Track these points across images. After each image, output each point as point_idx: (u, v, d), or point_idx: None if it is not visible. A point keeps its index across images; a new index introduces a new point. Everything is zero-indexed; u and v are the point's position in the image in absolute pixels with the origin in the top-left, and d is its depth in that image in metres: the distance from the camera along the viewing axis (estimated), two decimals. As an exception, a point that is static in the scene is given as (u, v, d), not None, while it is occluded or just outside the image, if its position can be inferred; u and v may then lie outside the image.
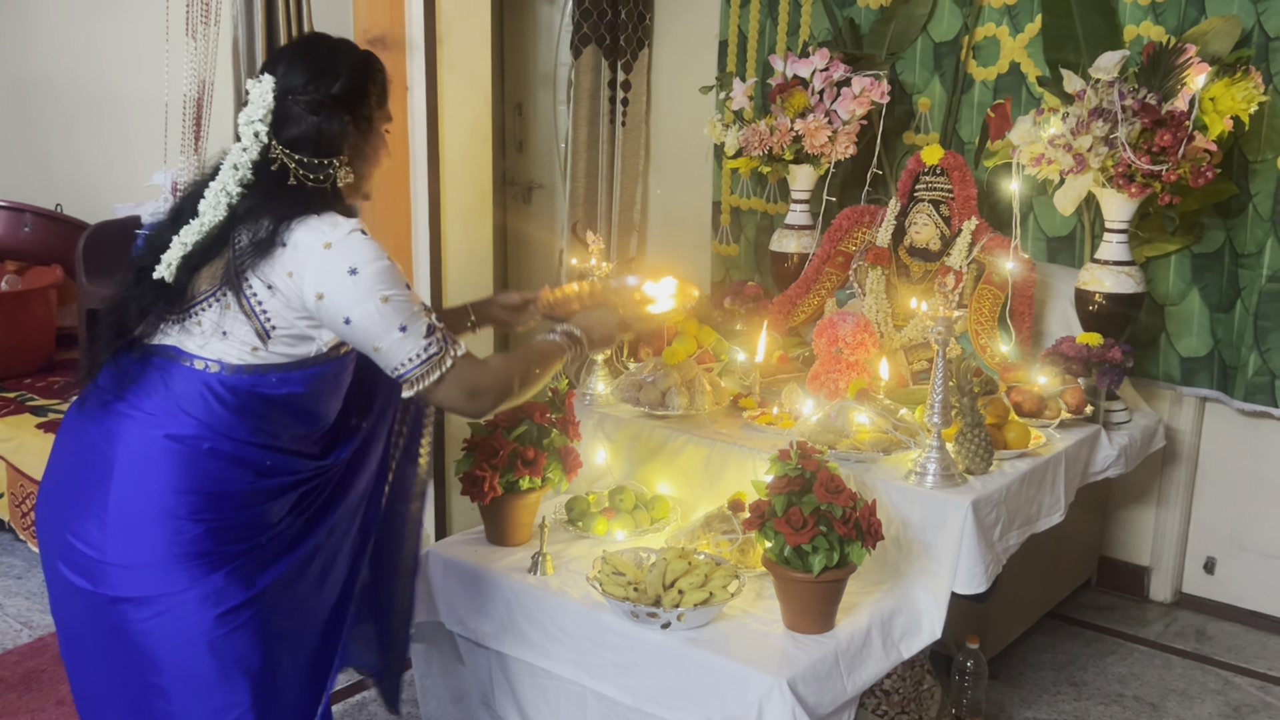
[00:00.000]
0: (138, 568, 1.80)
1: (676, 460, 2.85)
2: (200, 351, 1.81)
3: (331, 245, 1.77)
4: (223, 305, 1.80)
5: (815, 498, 2.20)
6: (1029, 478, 2.63)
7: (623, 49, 4.39)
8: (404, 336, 1.81)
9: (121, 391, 1.82)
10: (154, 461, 1.80)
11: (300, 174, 1.83)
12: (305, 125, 1.83)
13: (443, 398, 1.89)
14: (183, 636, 1.81)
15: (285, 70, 1.85)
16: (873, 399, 2.68)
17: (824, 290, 3.51)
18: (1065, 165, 2.95)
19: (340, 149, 1.86)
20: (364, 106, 1.89)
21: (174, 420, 1.80)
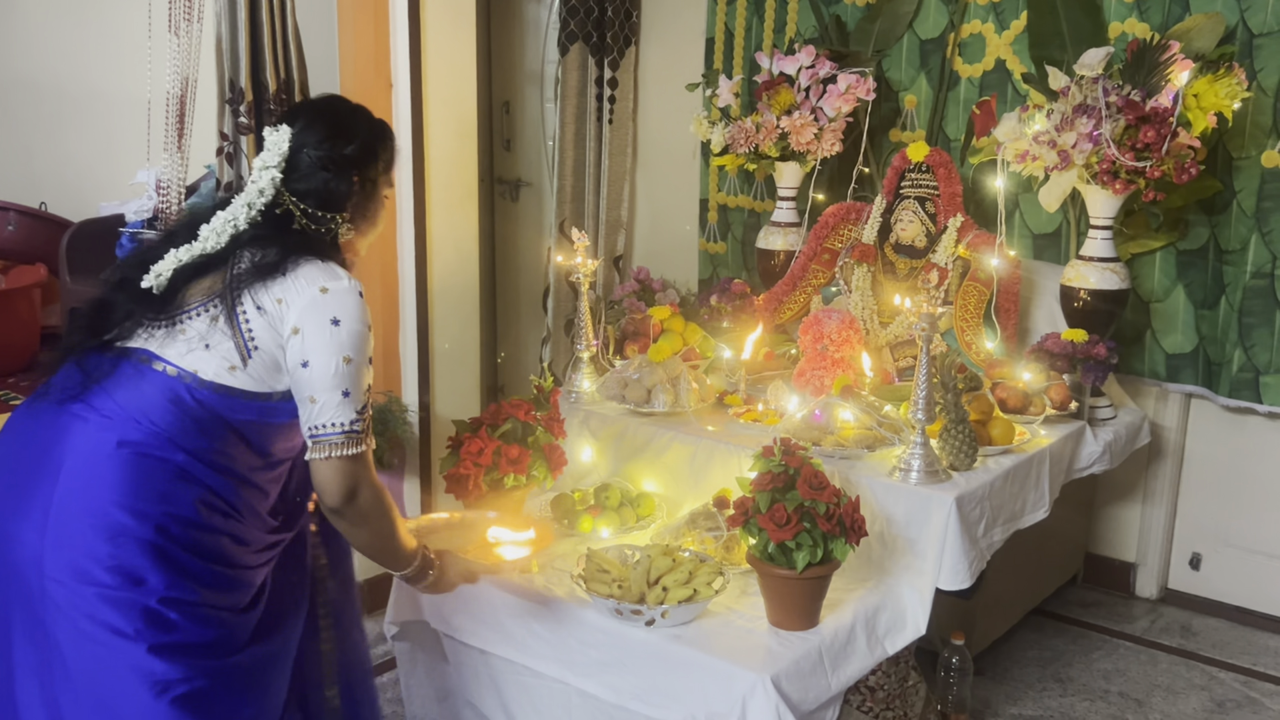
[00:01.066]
0: (74, 585, 1.74)
1: (662, 457, 2.85)
2: (179, 360, 1.81)
3: (327, 291, 1.82)
4: (212, 317, 1.81)
5: (799, 494, 2.20)
6: (1013, 474, 2.63)
7: (609, 46, 4.39)
8: (343, 402, 1.82)
9: (82, 392, 1.80)
10: (101, 469, 1.76)
11: (304, 222, 1.90)
12: (315, 180, 1.90)
13: (329, 473, 1.82)
14: (113, 675, 1.74)
15: (304, 125, 1.92)
16: (857, 396, 2.68)
17: (810, 287, 3.51)
18: (1050, 162, 2.96)
19: (344, 206, 1.93)
20: (371, 170, 1.96)
21: (129, 426, 1.77)
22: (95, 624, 1.73)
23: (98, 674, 1.75)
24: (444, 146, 3.40)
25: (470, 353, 3.62)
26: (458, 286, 3.54)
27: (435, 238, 3.41)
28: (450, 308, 3.51)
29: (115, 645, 1.73)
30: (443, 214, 3.44)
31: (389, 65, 3.27)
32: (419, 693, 2.72)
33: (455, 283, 3.52)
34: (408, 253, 3.35)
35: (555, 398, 2.74)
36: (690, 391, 2.87)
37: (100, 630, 1.73)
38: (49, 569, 1.75)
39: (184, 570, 1.77)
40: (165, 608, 1.75)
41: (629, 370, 2.93)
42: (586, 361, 3.08)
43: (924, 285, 2.41)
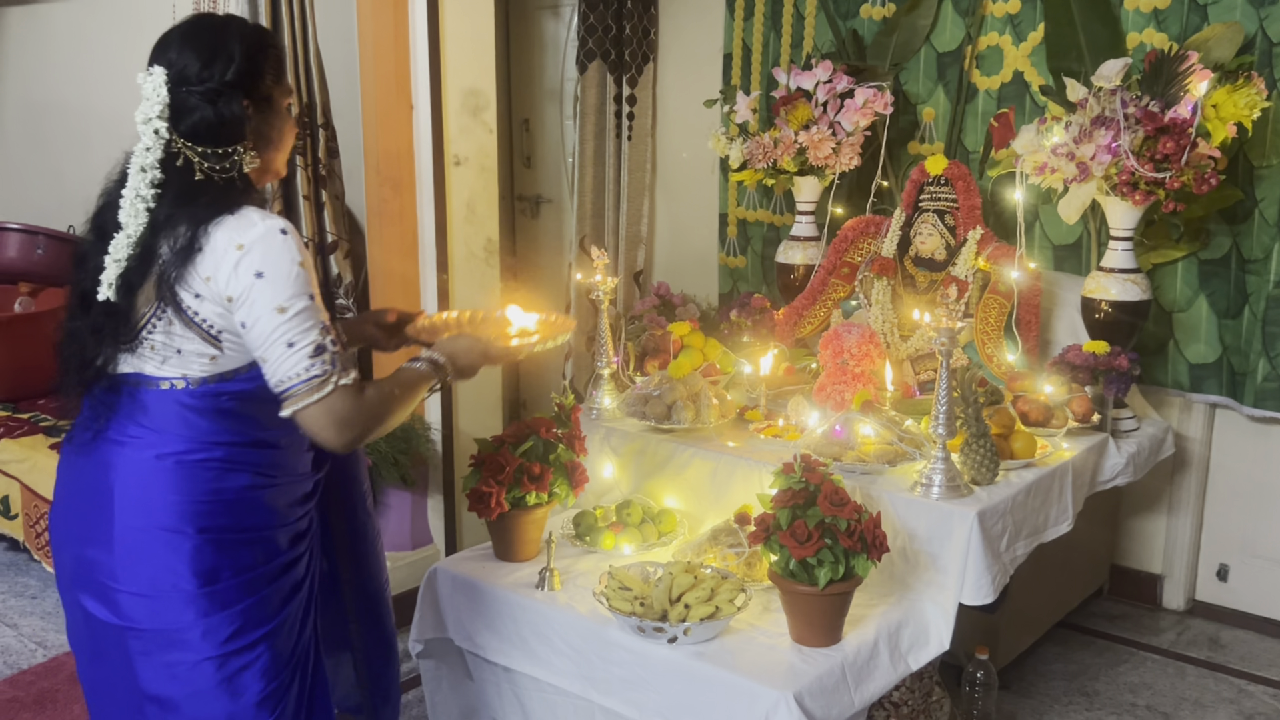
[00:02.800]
0: (147, 596, 1.80)
1: (683, 474, 2.86)
2: (161, 373, 1.79)
3: (243, 247, 1.71)
4: (166, 322, 1.76)
5: (819, 511, 2.20)
6: (1035, 488, 2.62)
7: (628, 64, 4.42)
8: (290, 353, 1.72)
9: (104, 422, 1.82)
10: (149, 482, 1.80)
11: (205, 167, 1.76)
12: (204, 115, 1.76)
13: (311, 423, 1.76)
14: (189, 674, 1.82)
15: (176, 59, 1.76)
16: (878, 410, 2.69)
17: (830, 302, 3.52)
18: (1068, 174, 2.95)
19: (243, 135, 1.79)
20: (261, 87, 1.81)
21: (160, 440, 1.79)
22: (176, 630, 1.81)
23: (179, 678, 1.83)
24: (466, 166, 3.43)
25: (492, 370, 3.64)
26: (479, 304, 3.57)
27: (456, 255, 3.44)
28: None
29: (192, 647, 1.81)
30: (466, 231, 3.46)
31: (409, 86, 3.30)
32: (444, 710, 2.73)
33: (477, 301, 3.55)
34: (429, 270, 3.38)
35: (576, 415, 2.76)
36: (711, 407, 2.88)
37: (181, 634, 1.81)
38: (123, 583, 1.81)
39: (239, 551, 1.84)
40: (232, 593, 1.82)
41: (649, 386, 2.94)
42: (607, 378, 3.09)
43: (943, 300, 2.41)
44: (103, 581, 1.83)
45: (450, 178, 3.37)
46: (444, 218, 3.36)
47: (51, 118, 5.26)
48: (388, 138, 3.31)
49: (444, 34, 3.28)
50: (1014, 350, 3.14)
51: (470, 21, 3.35)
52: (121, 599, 1.82)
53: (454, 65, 3.32)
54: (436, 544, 3.57)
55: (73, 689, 3.06)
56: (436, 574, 2.67)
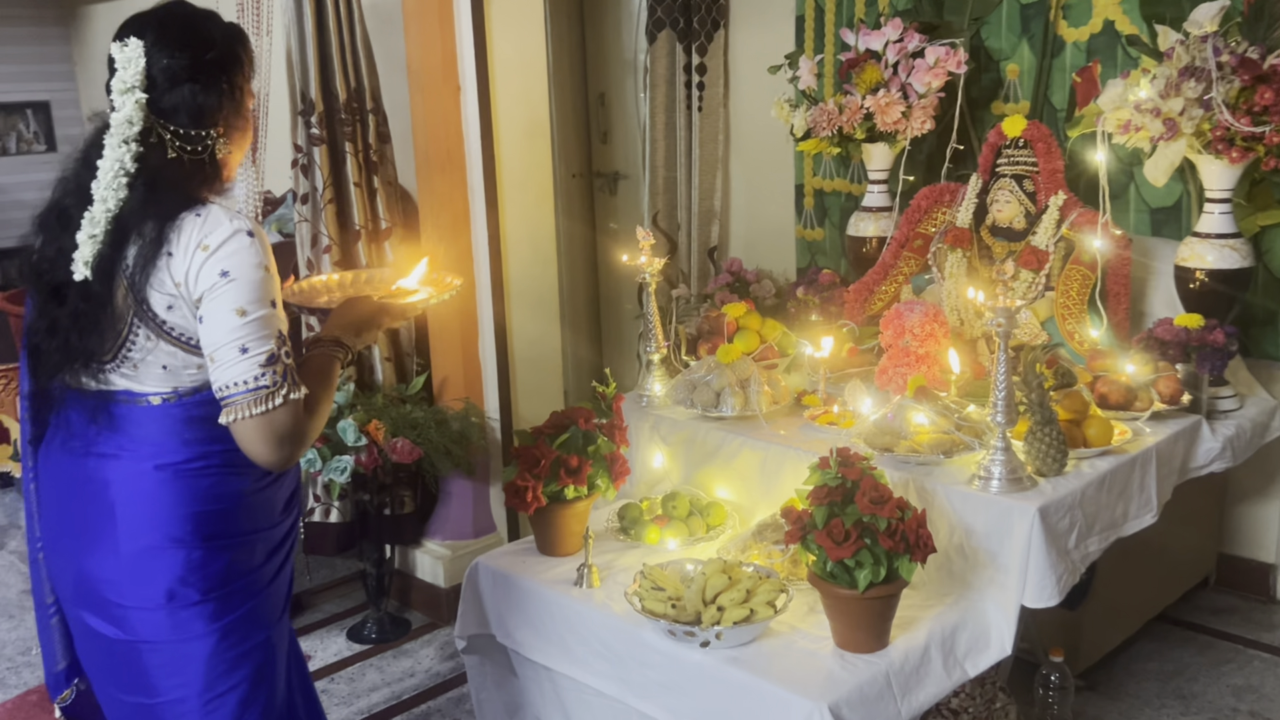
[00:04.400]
0: (160, 609, 1.77)
1: (732, 464, 2.72)
2: (149, 388, 1.74)
3: (208, 249, 1.65)
4: (145, 336, 1.70)
5: (857, 509, 2.04)
6: (1111, 478, 2.40)
7: (696, 31, 4.25)
8: (241, 359, 1.65)
9: (96, 438, 1.77)
10: (152, 495, 1.75)
11: (178, 145, 1.71)
12: (182, 94, 1.71)
13: (248, 435, 1.67)
14: (203, 678, 1.81)
15: (156, 36, 1.70)
16: (933, 396, 2.50)
17: (901, 276, 3.31)
18: (1155, 132, 2.70)
19: (216, 120, 1.74)
20: (238, 75, 1.78)
21: (156, 451, 1.74)
22: (191, 639, 1.79)
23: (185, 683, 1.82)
24: (516, 146, 3.34)
25: (550, 356, 3.55)
26: (536, 290, 3.48)
27: (510, 240, 3.35)
28: (529, 311, 3.45)
29: (205, 652, 1.80)
30: (517, 215, 3.37)
31: (456, 68, 3.22)
32: (490, 707, 2.67)
33: (533, 286, 3.46)
34: (482, 257, 3.31)
35: (618, 404, 2.64)
36: (761, 394, 2.73)
37: (195, 641, 1.79)
38: (133, 600, 1.78)
39: (242, 555, 1.82)
40: (238, 596, 1.81)
41: (698, 373, 2.81)
42: (657, 364, 2.97)
43: (998, 277, 2.21)
44: (108, 598, 1.79)
45: (501, 159, 3.29)
46: (494, 199, 3.27)
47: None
48: (435, 121, 3.23)
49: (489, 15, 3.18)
50: (1098, 325, 2.90)
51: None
52: (132, 615, 1.78)
53: (501, 46, 3.22)
54: (500, 533, 3.52)
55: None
56: (478, 568, 2.60)
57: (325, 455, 3.02)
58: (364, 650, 3.28)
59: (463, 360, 3.34)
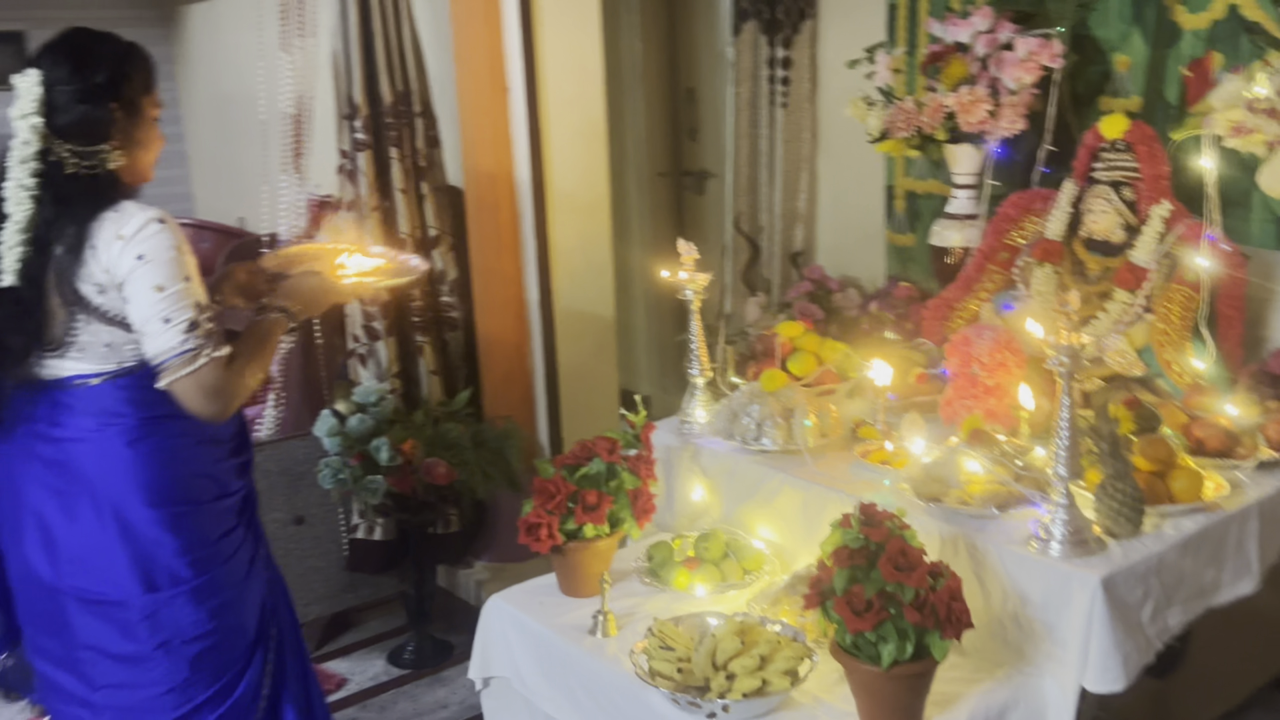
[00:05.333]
0: (147, 577, 2.00)
1: (773, 503, 2.48)
2: (97, 368, 1.95)
3: (124, 238, 1.87)
4: (85, 321, 1.91)
5: (880, 576, 1.79)
6: (1200, 540, 2.07)
7: (781, 23, 3.98)
8: (166, 328, 1.88)
9: (51, 425, 1.97)
10: (127, 469, 1.96)
11: (74, 162, 1.91)
12: (73, 114, 1.91)
13: (184, 394, 1.92)
14: (193, 629, 2.04)
15: (50, 64, 1.92)
16: (989, 440, 2.20)
17: (985, 292, 3.00)
18: (1271, 135, 2.34)
19: (109, 135, 1.94)
20: (127, 93, 1.96)
21: (124, 428, 1.95)
22: (172, 598, 2.02)
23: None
24: (567, 151, 3.15)
25: (604, 371, 3.36)
26: (588, 302, 3.29)
27: (560, 250, 3.18)
28: (581, 326, 3.27)
29: (191, 610, 2.04)
30: (568, 223, 3.19)
31: (502, 68, 3.05)
32: (507, 754, 2.51)
33: (586, 297, 3.28)
34: (531, 268, 3.14)
35: (647, 434, 2.44)
36: (808, 426, 2.47)
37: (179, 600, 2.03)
38: (123, 574, 1.99)
39: (211, 520, 2.06)
40: (215, 560, 2.06)
41: (739, 400, 2.57)
42: (702, 388, 2.74)
43: (1061, 308, 1.91)
44: (107, 597, 1.99)
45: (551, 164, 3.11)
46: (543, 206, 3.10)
47: (232, 110, 5.38)
48: (482, 124, 3.07)
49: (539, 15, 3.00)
50: (1204, 355, 2.54)
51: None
52: (123, 588, 1.99)
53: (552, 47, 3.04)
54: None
55: None
56: (493, 606, 2.44)
57: (358, 474, 2.91)
58: (401, 675, 3.16)
59: (510, 375, 3.18)
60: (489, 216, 3.12)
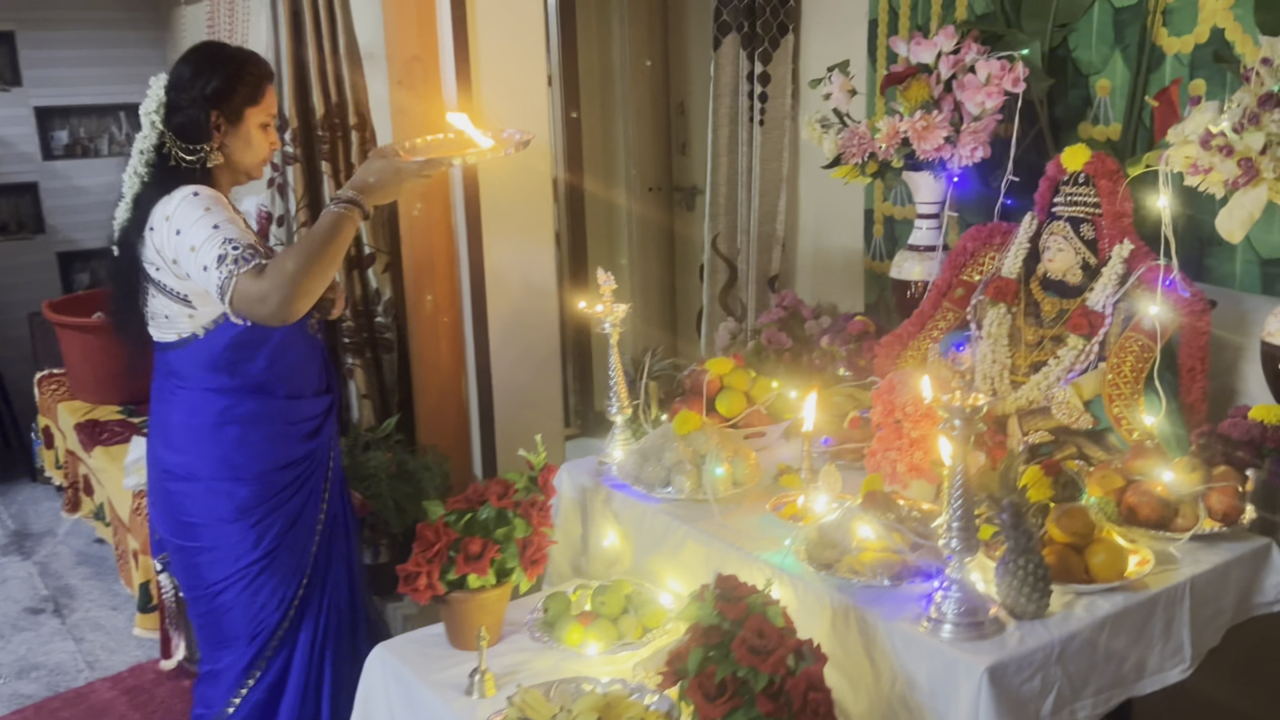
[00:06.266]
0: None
1: (679, 555, 2.32)
2: (163, 337, 2.30)
3: (169, 217, 2.18)
4: (152, 295, 2.25)
5: (734, 658, 1.62)
6: (1119, 621, 1.87)
7: (759, 37, 3.81)
8: (207, 275, 2.13)
9: (158, 378, 2.37)
10: (167, 431, 2.38)
11: (177, 154, 2.26)
12: (183, 115, 2.26)
13: (241, 309, 2.14)
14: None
15: (176, 70, 2.29)
16: (887, 503, 2.01)
17: (937, 330, 2.81)
18: (1227, 174, 2.12)
19: (209, 137, 2.27)
20: (231, 103, 2.27)
21: (187, 385, 2.31)
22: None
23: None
24: (506, 167, 3.00)
25: (548, 399, 3.21)
26: (530, 325, 3.14)
27: (498, 271, 3.03)
28: (521, 350, 3.12)
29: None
30: (508, 243, 3.04)
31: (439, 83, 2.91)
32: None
33: (527, 320, 3.13)
34: (466, 289, 3.00)
35: (544, 478, 2.29)
36: (719, 474, 2.30)
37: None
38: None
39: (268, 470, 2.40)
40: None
41: (653, 443, 2.41)
42: (622, 426, 2.58)
43: (953, 365, 1.73)
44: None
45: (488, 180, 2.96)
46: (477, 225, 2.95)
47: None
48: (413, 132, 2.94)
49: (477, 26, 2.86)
50: (1156, 410, 2.33)
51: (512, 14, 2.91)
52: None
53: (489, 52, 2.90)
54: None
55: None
56: (376, 656, 2.30)
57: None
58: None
59: (444, 401, 3.04)
60: (423, 235, 2.99)
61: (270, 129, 2.35)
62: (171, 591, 3.06)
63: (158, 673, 3.18)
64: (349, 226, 2.17)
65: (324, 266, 2.12)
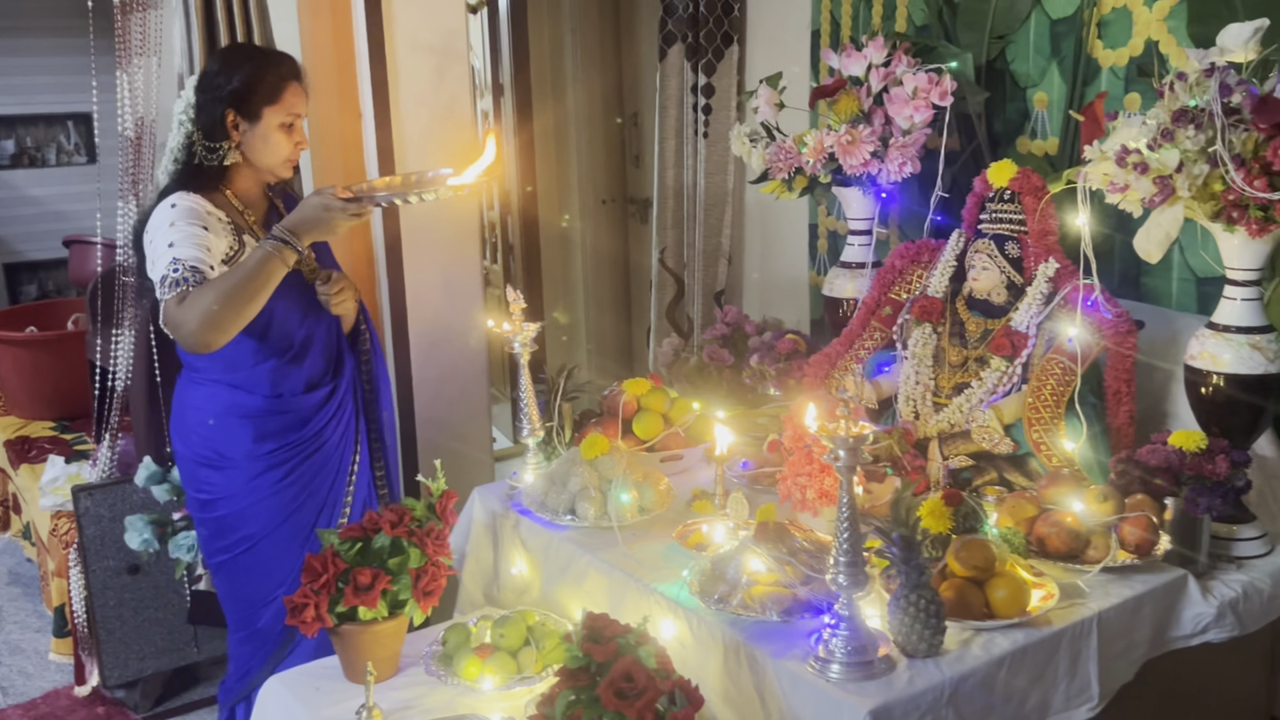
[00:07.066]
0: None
1: (583, 585, 2.24)
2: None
3: (149, 221, 2.30)
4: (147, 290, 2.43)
5: (600, 703, 1.54)
6: (1020, 659, 1.79)
7: (703, 48, 3.74)
8: (157, 286, 2.21)
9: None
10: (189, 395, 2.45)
11: (201, 151, 2.35)
12: (206, 114, 2.34)
13: (168, 331, 2.22)
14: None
15: (204, 70, 2.39)
16: (781, 534, 1.93)
17: (864, 350, 2.73)
18: (1143, 192, 2.05)
19: (226, 135, 2.33)
20: (249, 103, 2.32)
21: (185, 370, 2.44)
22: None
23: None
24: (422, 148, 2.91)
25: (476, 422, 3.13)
26: (455, 345, 3.06)
27: (420, 288, 2.95)
28: (446, 370, 3.04)
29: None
30: (430, 258, 2.97)
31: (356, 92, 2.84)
32: None
33: (452, 340, 3.05)
34: (385, 309, 2.92)
35: (443, 505, 2.20)
36: (625, 501, 2.23)
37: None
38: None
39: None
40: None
41: (559, 468, 2.33)
42: (534, 449, 2.50)
43: (839, 393, 1.65)
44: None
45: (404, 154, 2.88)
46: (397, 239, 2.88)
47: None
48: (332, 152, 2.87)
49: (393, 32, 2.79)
50: (1077, 435, 2.26)
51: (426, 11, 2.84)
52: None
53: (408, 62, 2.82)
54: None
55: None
56: (268, 689, 2.21)
57: (171, 529, 2.70)
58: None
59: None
60: (341, 250, 2.91)
61: (295, 129, 2.37)
62: (84, 616, 2.97)
63: (71, 699, 3.09)
64: (277, 266, 2.18)
65: (243, 303, 2.16)
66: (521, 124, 4.60)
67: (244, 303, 2.16)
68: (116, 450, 2.99)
